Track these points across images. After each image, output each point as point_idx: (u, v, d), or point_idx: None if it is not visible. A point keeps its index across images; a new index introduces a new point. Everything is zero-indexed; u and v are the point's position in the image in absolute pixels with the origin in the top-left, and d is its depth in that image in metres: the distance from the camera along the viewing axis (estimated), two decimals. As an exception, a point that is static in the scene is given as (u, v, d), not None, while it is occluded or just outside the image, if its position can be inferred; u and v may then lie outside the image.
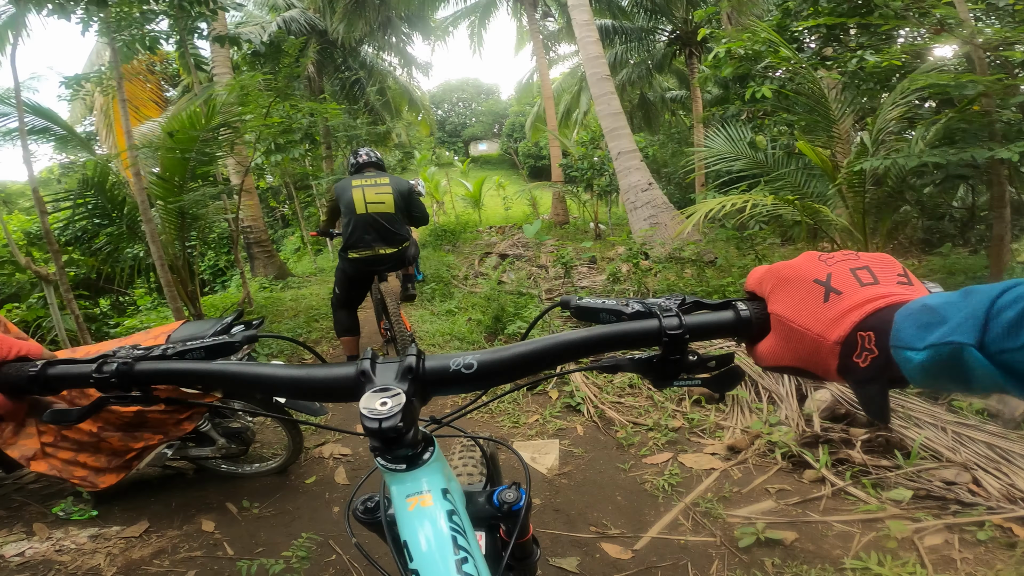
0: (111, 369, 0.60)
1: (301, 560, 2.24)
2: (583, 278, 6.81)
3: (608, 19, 14.82)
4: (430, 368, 0.56)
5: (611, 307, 0.61)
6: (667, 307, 0.59)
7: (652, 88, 17.52)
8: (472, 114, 50.44)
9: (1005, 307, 0.36)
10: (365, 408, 0.52)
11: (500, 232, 14.35)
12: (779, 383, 3.23)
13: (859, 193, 4.03)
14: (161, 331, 2.51)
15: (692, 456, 2.83)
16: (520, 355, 0.57)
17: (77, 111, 13.04)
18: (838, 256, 0.50)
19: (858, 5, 5.30)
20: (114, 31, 4.92)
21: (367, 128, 14.22)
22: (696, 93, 12.77)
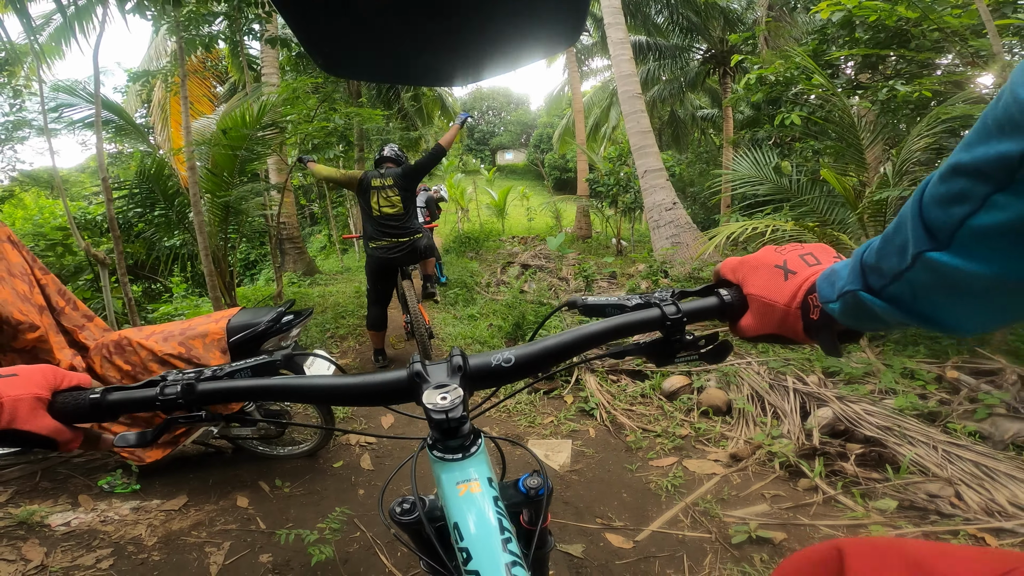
0: (175, 392, 0.63)
1: (333, 532, 2.42)
2: (602, 292, 6.91)
3: (643, 36, 14.74)
4: (475, 365, 0.65)
5: (615, 302, 0.76)
6: (663, 298, 0.73)
7: (683, 106, 17.39)
8: (501, 123, 50.64)
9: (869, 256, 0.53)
10: (429, 403, 0.59)
11: (523, 242, 14.51)
12: (784, 400, 3.33)
13: (880, 221, 4.11)
14: (221, 315, 2.72)
15: (696, 461, 2.97)
16: (549, 348, 0.67)
17: (130, 104, 13.40)
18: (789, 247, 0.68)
19: (895, 35, 5.35)
20: (181, 30, 5.20)
21: (400, 133, 14.49)
22: (728, 113, 12.68)
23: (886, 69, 5.86)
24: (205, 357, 2.59)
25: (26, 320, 2.32)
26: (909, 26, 5.05)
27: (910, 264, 0.45)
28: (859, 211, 4.18)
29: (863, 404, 3.07)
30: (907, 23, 4.98)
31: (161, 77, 7.15)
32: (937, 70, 5.70)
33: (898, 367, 3.46)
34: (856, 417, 2.95)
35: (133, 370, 2.61)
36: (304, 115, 5.95)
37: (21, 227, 6.11)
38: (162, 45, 12.09)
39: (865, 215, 4.16)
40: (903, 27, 5.10)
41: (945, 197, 0.39)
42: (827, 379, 3.52)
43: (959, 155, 0.38)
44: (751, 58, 7.58)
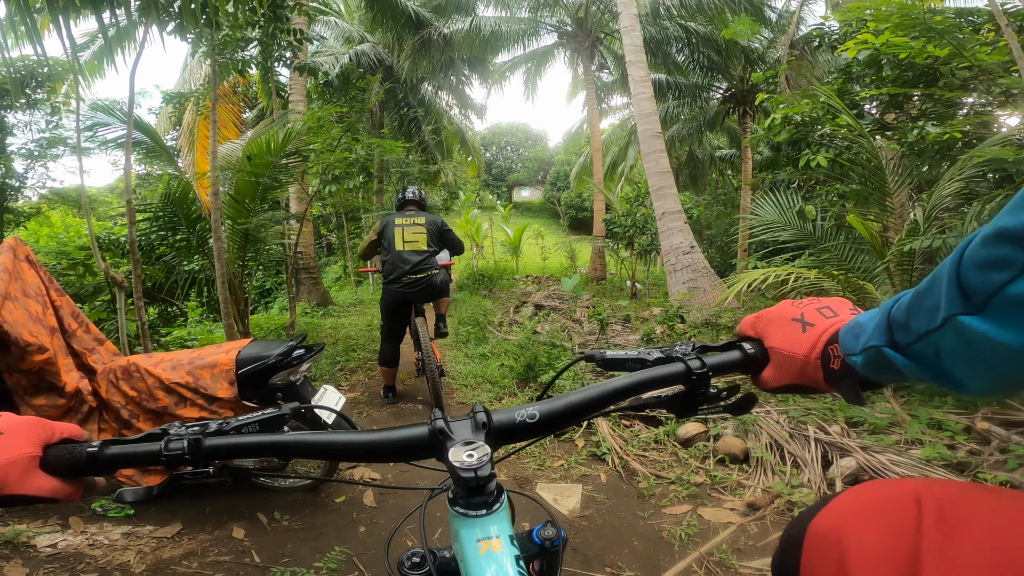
0: (180, 447, 0.60)
1: (331, 572, 2.31)
2: (616, 335, 6.84)
3: (663, 74, 14.86)
4: (499, 421, 0.64)
5: (635, 356, 0.76)
6: (686, 352, 0.73)
7: (701, 145, 17.31)
8: (518, 159, 51.27)
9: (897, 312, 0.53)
10: (456, 461, 0.58)
11: (536, 282, 14.52)
12: (805, 449, 3.23)
13: (908, 271, 4.02)
14: (231, 346, 2.71)
15: (711, 510, 2.85)
16: (574, 403, 0.67)
17: (161, 125, 13.72)
18: (806, 301, 0.71)
19: (923, 73, 5.27)
20: (217, 53, 5.32)
21: (419, 166, 14.67)
22: (747, 154, 12.60)
23: (911, 108, 5.77)
24: (212, 387, 2.57)
25: (35, 342, 2.32)
26: (938, 64, 4.97)
27: (939, 325, 0.45)
28: (886, 260, 4.09)
29: (888, 454, 2.97)
30: (936, 61, 4.91)
31: (193, 100, 7.34)
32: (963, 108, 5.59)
33: (925, 418, 3.36)
34: (881, 467, 2.86)
35: (138, 396, 2.61)
36: (327, 144, 6.04)
37: (45, 244, 6.22)
38: (197, 69, 12.45)
39: (892, 264, 4.06)
40: (932, 65, 5.03)
41: (986, 262, 0.39)
42: (850, 429, 3.42)
43: (1005, 219, 0.37)
44: (775, 97, 7.49)
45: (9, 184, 5.79)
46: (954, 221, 4.04)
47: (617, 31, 11.49)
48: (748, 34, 10.50)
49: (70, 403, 2.50)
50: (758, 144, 7.65)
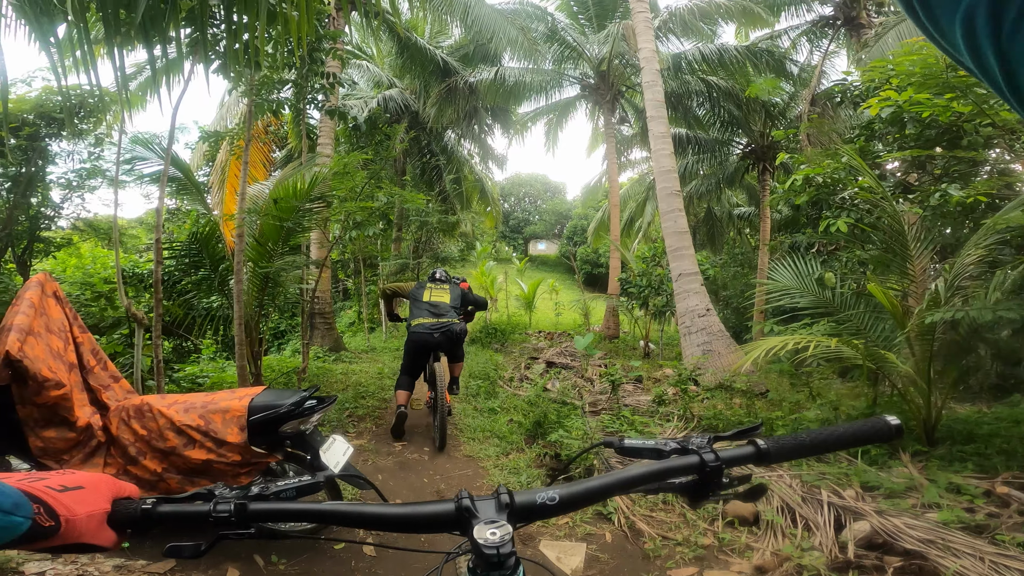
0: (227, 510, 0.67)
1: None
2: (628, 396, 6.76)
3: (683, 128, 14.83)
4: (521, 502, 0.69)
5: (651, 446, 0.81)
6: (701, 444, 0.78)
7: (720, 203, 17.26)
8: (536, 211, 51.52)
9: None
10: (480, 539, 0.63)
11: (549, 338, 14.47)
12: (817, 512, 3.17)
13: (928, 341, 3.94)
14: (245, 393, 2.75)
15: (718, 572, 2.78)
16: (592, 489, 0.73)
17: (195, 161, 13.99)
18: None
19: (946, 130, 5.24)
20: (254, 93, 5.52)
21: (439, 216, 14.83)
22: (765, 213, 12.52)
23: (935, 168, 5.73)
24: (222, 432, 2.58)
25: (53, 378, 2.36)
26: (961, 121, 4.96)
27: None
28: (907, 330, 4.02)
29: (904, 518, 2.92)
30: (959, 118, 4.90)
31: (228, 139, 7.59)
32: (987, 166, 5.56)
33: (944, 482, 3.32)
34: (896, 530, 2.81)
35: (148, 435, 2.61)
36: (350, 191, 6.18)
37: (72, 275, 6.36)
38: (234, 106, 12.88)
39: (912, 334, 4.00)
40: (955, 122, 5.01)
41: None
42: (865, 493, 3.37)
43: None
44: (797, 156, 7.46)
45: (44, 213, 5.93)
46: (977, 291, 4.00)
47: (638, 85, 11.65)
48: (769, 91, 10.68)
49: (79, 437, 2.51)
50: (777, 203, 7.65)
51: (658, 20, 13.16)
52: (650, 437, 0.81)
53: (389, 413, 6.05)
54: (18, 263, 5.70)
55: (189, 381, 6.27)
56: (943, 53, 0.36)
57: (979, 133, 4.85)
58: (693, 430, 5.03)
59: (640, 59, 9.44)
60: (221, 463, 2.57)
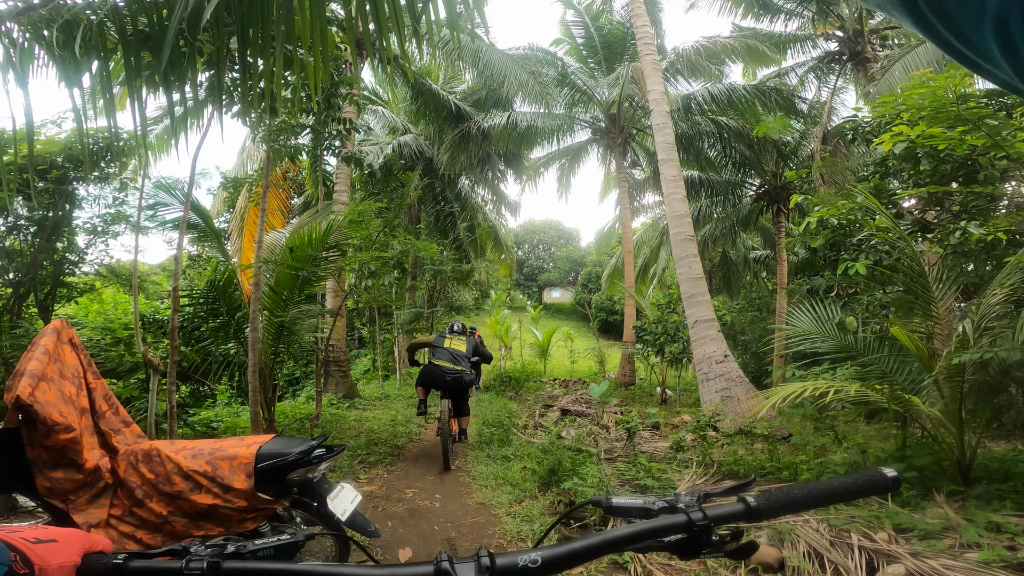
0: (199, 568, 0.66)
1: None
2: (644, 443, 6.61)
3: (695, 171, 14.71)
4: (501, 565, 0.67)
5: (640, 505, 0.79)
6: (690, 503, 0.77)
7: (735, 246, 16.95)
8: (550, 258, 51.42)
9: None
10: None
11: (564, 385, 14.29)
12: (847, 557, 3.02)
13: (957, 383, 3.82)
14: (253, 440, 2.76)
15: None
16: (575, 550, 0.71)
17: (215, 207, 14.21)
18: None
19: (961, 164, 5.14)
20: (273, 139, 5.64)
21: (453, 264, 14.88)
22: (781, 256, 12.33)
23: (952, 204, 5.61)
24: (229, 478, 2.59)
25: (63, 422, 2.39)
26: (976, 155, 4.88)
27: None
28: (934, 373, 3.90)
29: (942, 559, 2.79)
30: (973, 151, 4.82)
31: (247, 185, 7.79)
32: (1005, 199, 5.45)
33: (982, 521, 3.17)
34: (933, 572, 2.71)
35: (155, 479, 2.62)
36: (365, 240, 6.26)
37: (93, 320, 6.46)
38: (254, 151, 13.16)
39: (941, 377, 3.87)
40: (970, 156, 4.93)
41: None
42: (898, 535, 3.22)
43: None
44: (811, 198, 7.35)
45: (68, 258, 6.04)
46: (1005, 331, 3.88)
47: (649, 127, 11.75)
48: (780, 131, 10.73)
49: (87, 479, 2.51)
50: (793, 246, 7.55)
51: (665, 62, 13.23)
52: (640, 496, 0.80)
53: (401, 460, 6.00)
54: (40, 308, 5.80)
55: (203, 425, 6.26)
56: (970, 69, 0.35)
57: (995, 166, 4.79)
58: (713, 476, 4.85)
59: (649, 101, 9.58)
60: (227, 508, 2.55)
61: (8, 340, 5.12)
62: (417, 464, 5.87)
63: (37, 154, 3.66)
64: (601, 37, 15.86)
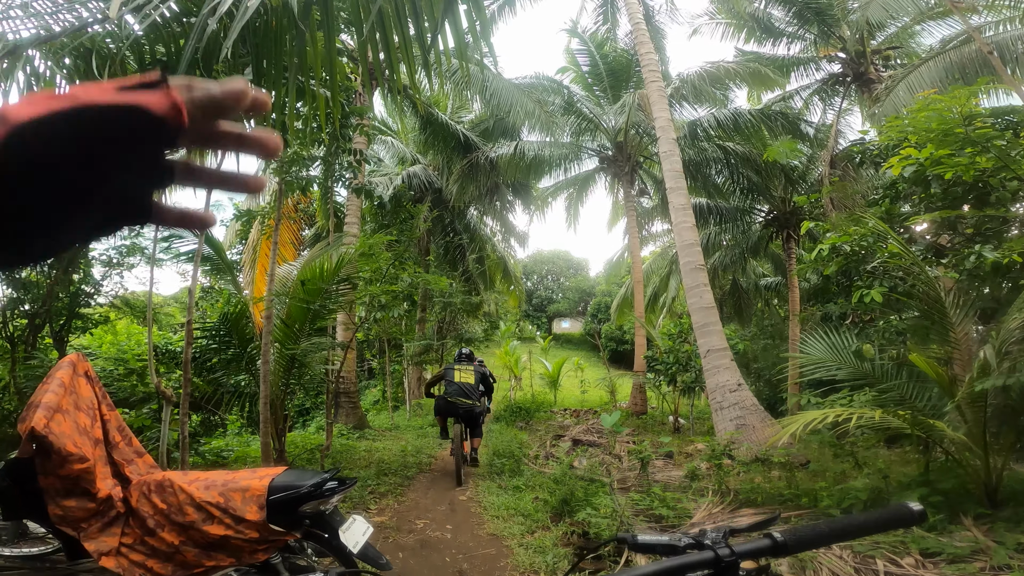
0: None
1: None
2: (658, 471, 6.49)
3: (703, 198, 14.51)
4: None
5: (665, 541, 0.80)
6: (716, 539, 0.77)
7: (745, 274, 16.68)
8: (559, 289, 51.16)
9: None
10: None
11: (575, 416, 14.13)
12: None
13: (980, 407, 3.74)
14: (266, 472, 2.79)
15: None
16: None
17: (228, 239, 13.99)
18: None
19: (972, 187, 5.05)
20: (285, 170, 5.69)
21: (462, 296, 14.83)
22: (793, 282, 12.15)
23: (966, 227, 5.52)
24: (241, 509, 2.61)
25: (77, 452, 2.44)
26: (986, 177, 4.82)
27: None
28: (956, 399, 3.82)
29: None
30: (983, 174, 4.76)
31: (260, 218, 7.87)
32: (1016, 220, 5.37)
33: (1012, 543, 3.10)
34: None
35: (168, 509, 2.63)
36: (375, 273, 6.28)
37: (107, 351, 6.49)
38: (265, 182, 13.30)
39: (963, 402, 3.80)
40: (981, 178, 4.86)
41: None
42: (926, 560, 3.16)
43: None
44: (821, 225, 7.25)
45: (84, 290, 6.10)
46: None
47: (656, 154, 11.71)
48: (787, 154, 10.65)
49: (99, 507, 2.55)
50: (805, 272, 7.47)
51: (670, 88, 13.20)
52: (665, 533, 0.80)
53: (411, 490, 5.94)
54: (55, 338, 5.86)
55: (214, 454, 6.24)
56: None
57: (1006, 188, 4.76)
58: (729, 504, 4.74)
59: (656, 128, 9.59)
60: (239, 539, 2.55)
61: (23, 371, 5.16)
62: (428, 495, 5.79)
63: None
64: (606, 65, 16.01)
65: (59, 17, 3.04)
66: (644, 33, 10.56)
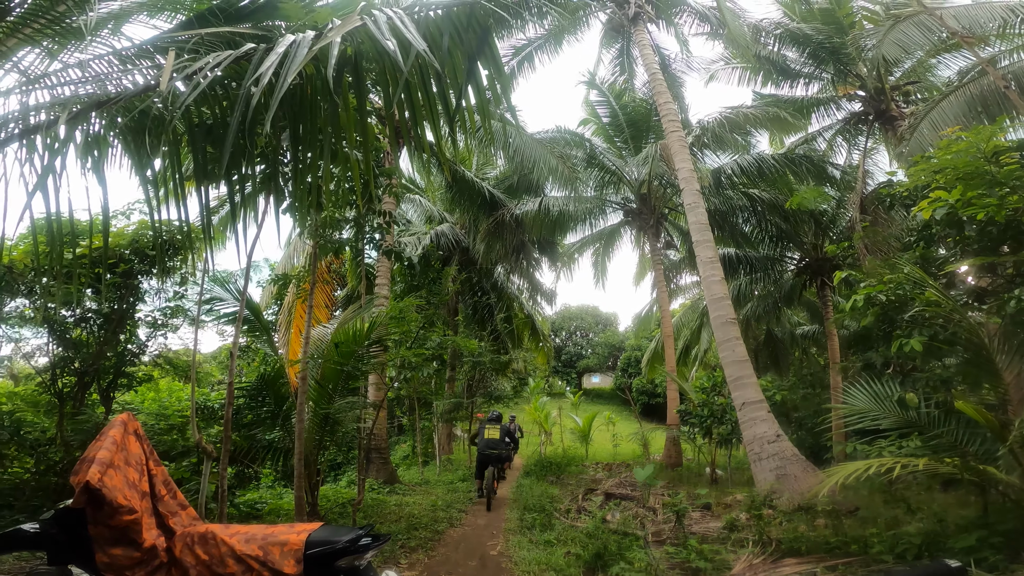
0: None
1: None
2: (695, 523, 6.26)
3: (731, 248, 14.23)
4: None
5: None
6: None
7: (779, 323, 16.06)
8: (588, 344, 50.48)
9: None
10: None
11: (607, 469, 13.76)
12: None
13: (1036, 453, 3.59)
14: (303, 528, 2.89)
15: None
16: None
17: (263, 299, 14.36)
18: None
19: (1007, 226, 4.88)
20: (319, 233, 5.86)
21: (491, 356, 14.70)
22: (831, 331, 11.70)
23: (1006, 270, 5.35)
24: (279, 563, 2.69)
25: (127, 505, 2.59)
26: (1019, 216, 4.70)
27: None
28: (1009, 443, 3.67)
29: None
30: (1016, 213, 4.65)
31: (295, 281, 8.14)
32: None
33: None
34: None
35: (209, 560, 2.73)
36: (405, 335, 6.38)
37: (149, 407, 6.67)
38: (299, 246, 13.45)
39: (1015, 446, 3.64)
40: (1014, 218, 4.73)
41: None
42: None
43: None
44: (855, 273, 7.08)
45: (130, 350, 6.33)
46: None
47: (680, 205, 11.66)
48: (814, 202, 10.26)
49: (143, 556, 2.65)
50: (843, 321, 7.24)
51: (691, 136, 12.98)
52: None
53: (442, 545, 5.90)
54: (102, 395, 6.05)
55: (248, 506, 6.29)
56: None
57: (1041, 227, 4.68)
58: (771, 555, 4.53)
59: (679, 180, 9.61)
60: None
61: (70, 425, 5.33)
62: (458, 549, 5.70)
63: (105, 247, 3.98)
64: (626, 115, 16.17)
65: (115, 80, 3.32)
66: (661, 83, 10.75)
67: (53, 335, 5.71)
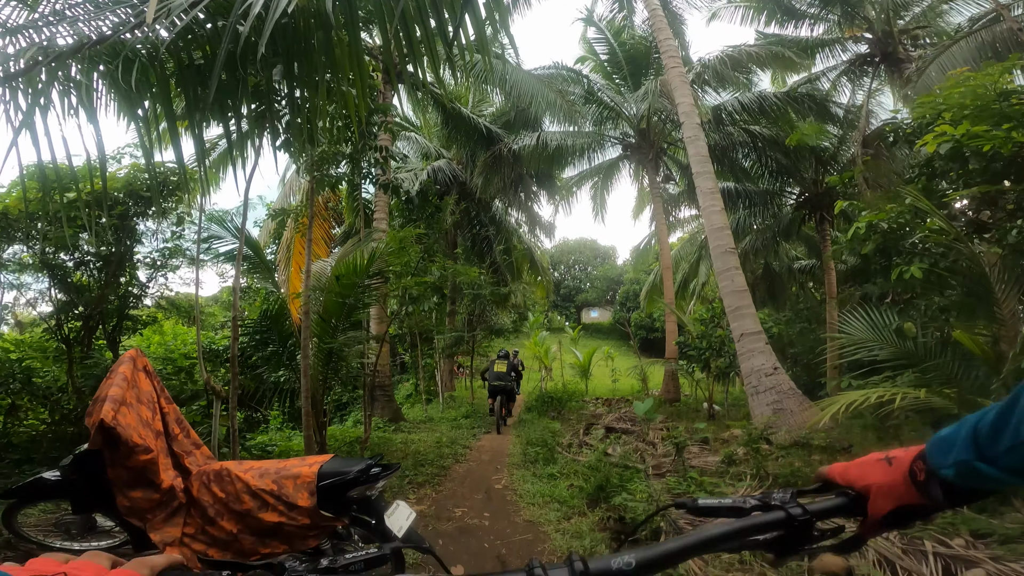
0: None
1: None
2: (694, 458, 6.47)
3: (731, 182, 14.23)
4: (595, 569, 0.65)
5: (729, 504, 0.77)
6: (784, 499, 0.75)
7: (778, 257, 16.17)
8: (587, 278, 50.80)
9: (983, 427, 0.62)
10: None
11: (607, 404, 14.11)
12: (921, 563, 2.94)
13: (1027, 384, 3.66)
14: (314, 460, 2.89)
15: None
16: (670, 551, 0.69)
17: (262, 238, 14.13)
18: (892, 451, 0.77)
19: (1011, 161, 4.90)
20: (316, 168, 5.78)
21: (490, 288, 14.84)
22: (829, 264, 11.73)
23: (1007, 203, 5.35)
24: (293, 496, 2.70)
25: (142, 444, 2.54)
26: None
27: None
28: (1003, 375, 3.74)
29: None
30: (1022, 148, 4.63)
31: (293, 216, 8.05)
32: None
33: None
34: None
35: (226, 498, 2.74)
36: (405, 266, 6.37)
37: (155, 351, 6.75)
38: (295, 183, 13.33)
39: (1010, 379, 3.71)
40: (1019, 153, 4.72)
41: None
42: (976, 541, 3.13)
43: None
44: (856, 203, 7.06)
45: (131, 292, 6.33)
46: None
47: (680, 140, 11.50)
48: (814, 138, 10.17)
49: (163, 498, 2.64)
50: (841, 254, 7.24)
51: (692, 73, 12.92)
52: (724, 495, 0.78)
53: (448, 480, 6.07)
54: (108, 340, 6.11)
55: (259, 449, 6.46)
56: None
57: (1045, 157, 4.62)
58: (769, 488, 4.71)
59: (679, 114, 9.43)
60: (292, 526, 2.64)
61: (80, 370, 5.40)
62: (464, 484, 5.90)
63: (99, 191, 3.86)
64: (624, 52, 15.80)
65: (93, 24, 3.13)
66: (662, 19, 10.38)
67: (54, 280, 5.69)
